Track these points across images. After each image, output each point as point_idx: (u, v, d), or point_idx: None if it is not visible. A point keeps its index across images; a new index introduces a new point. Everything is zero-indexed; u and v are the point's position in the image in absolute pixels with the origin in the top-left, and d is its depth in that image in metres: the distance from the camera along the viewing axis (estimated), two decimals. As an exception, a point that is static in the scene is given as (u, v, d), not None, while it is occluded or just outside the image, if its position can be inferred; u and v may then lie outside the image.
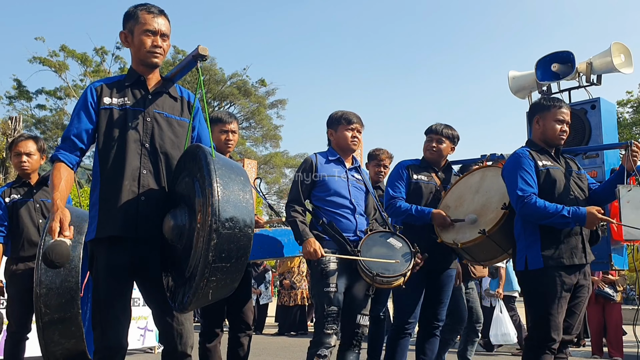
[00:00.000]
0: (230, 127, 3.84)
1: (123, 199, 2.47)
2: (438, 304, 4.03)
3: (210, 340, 3.74)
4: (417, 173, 4.03)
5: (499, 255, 3.72)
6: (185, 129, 2.68)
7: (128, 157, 2.50)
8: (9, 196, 4.09)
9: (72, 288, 3.07)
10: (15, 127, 14.37)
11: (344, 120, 3.65)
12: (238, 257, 2.22)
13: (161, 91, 2.67)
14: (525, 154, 3.33)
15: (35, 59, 27.88)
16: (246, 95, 31.20)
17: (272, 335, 10.65)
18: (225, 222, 2.16)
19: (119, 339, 2.45)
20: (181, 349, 2.55)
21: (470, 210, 3.72)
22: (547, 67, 4.72)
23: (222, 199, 2.18)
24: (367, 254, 3.35)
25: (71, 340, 3.06)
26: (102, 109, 2.54)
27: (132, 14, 2.60)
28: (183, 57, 28.15)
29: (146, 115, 2.58)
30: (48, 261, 2.14)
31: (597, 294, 7.32)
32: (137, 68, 2.64)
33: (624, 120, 24.48)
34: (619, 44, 4.58)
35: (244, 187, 2.29)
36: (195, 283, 2.19)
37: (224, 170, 2.26)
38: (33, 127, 30.37)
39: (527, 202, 3.16)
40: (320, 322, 3.33)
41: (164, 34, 2.60)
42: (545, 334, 3.16)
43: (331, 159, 3.65)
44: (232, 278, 2.26)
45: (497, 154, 4.21)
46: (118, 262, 2.47)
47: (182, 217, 2.38)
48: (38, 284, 3.00)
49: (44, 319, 2.99)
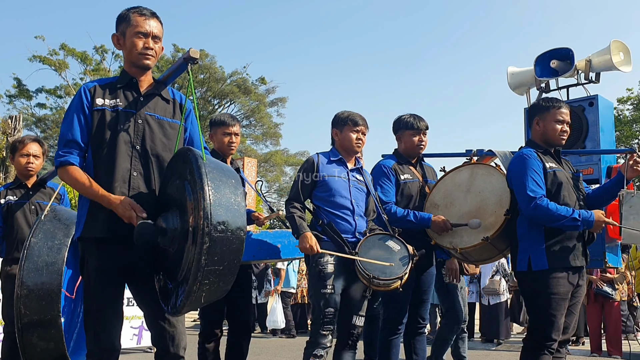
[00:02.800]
0: (233, 130, 3.88)
1: None
2: (422, 303, 4.02)
3: (210, 341, 3.76)
4: (403, 172, 3.97)
5: (494, 256, 3.71)
6: (176, 131, 2.68)
7: (118, 159, 2.51)
8: (4, 197, 4.11)
9: (54, 290, 3.05)
10: (15, 126, 14.35)
11: (350, 122, 3.64)
12: (231, 260, 2.22)
13: (153, 93, 2.68)
14: (533, 154, 3.29)
15: (36, 58, 27.83)
16: (246, 93, 31.14)
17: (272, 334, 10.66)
18: (217, 225, 2.16)
19: (111, 341, 2.46)
20: (173, 350, 2.56)
21: (464, 212, 3.68)
22: (546, 64, 4.71)
23: (214, 202, 2.18)
24: (365, 256, 3.35)
25: (50, 342, 3.03)
26: (95, 110, 2.55)
27: (124, 16, 2.62)
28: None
29: (138, 117, 2.59)
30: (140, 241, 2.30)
31: (596, 293, 7.31)
32: (129, 70, 2.65)
33: (624, 117, 24.42)
34: (618, 42, 4.57)
35: (235, 190, 2.29)
36: (189, 286, 2.20)
37: (215, 173, 2.26)
38: (33, 125, 30.35)
39: (539, 205, 3.12)
40: (317, 322, 3.34)
41: (155, 36, 2.62)
42: (547, 335, 3.16)
43: (333, 160, 3.64)
44: (225, 281, 2.26)
45: (484, 150, 4.18)
46: (109, 264, 2.48)
47: (174, 221, 2.38)
48: (20, 284, 2.98)
49: (23, 320, 2.97)
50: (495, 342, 8.45)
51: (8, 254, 4.06)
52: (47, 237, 3.06)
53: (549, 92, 4.80)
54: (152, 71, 2.73)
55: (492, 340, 8.54)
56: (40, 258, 3.05)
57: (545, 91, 4.81)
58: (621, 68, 4.55)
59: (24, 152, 4.14)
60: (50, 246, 3.00)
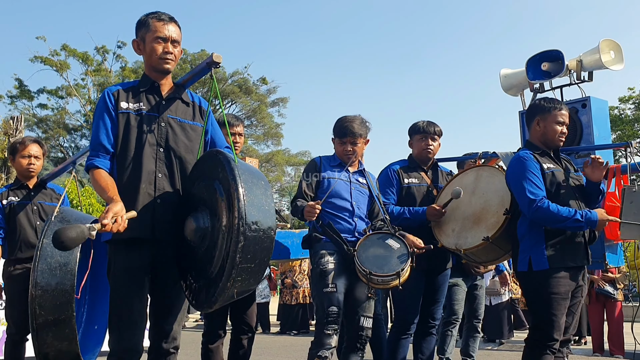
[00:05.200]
0: (237, 130, 3.90)
1: (140, 201, 2.55)
2: (434, 304, 4.05)
3: (213, 341, 3.76)
4: (408, 176, 4.03)
5: (500, 256, 3.73)
6: (197, 133, 2.76)
7: (144, 161, 2.59)
8: (6, 198, 4.11)
9: (67, 290, 3.08)
10: (16, 127, 14.35)
11: (337, 134, 3.68)
12: (261, 258, 2.34)
13: (174, 97, 2.74)
14: (530, 157, 3.30)
15: (37, 58, 27.84)
16: (247, 93, 31.12)
17: (274, 334, 10.67)
18: (251, 224, 2.29)
19: (136, 341, 2.52)
20: (166, 347, 2.64)
21: (468, 213, 3.70)
22: (537, 66, 4.72)
23: (248, 203, 2.30)
24: (364, 254, 3.36)
25: (64, 342, 3.07)
26: (120, 113, 2.62)
27: (144, 22, 2.68)
28: (185, 56, 27.97)
29: (161, 120, 2.66)
30: (57, 241, 2.14)
31: (598, 293, 7.31)
32: (150, 74, 2.73)
33: (626, 116, 24.38)
34: (609, 41, 4.55)
35: (265, 191, 2.41)
36: (222, 283, 2.30)
37: (247, 175, 2.37)
38: (35, 126, 30.35)
39: (540, 206, 3.12)
40: (321, 322, 3.34)
41: (174, 41, 2.68)
42: (548, 335, 3.16)
43: (333, 164, 3.69)
44: (256, 278, 2.39)
45: (489, 152, 4.20)
46: (136, 264, 2.54)
47: (204, 220, 2.47)
48: (34, 285, 3.01)
49: (38, 321, 3.00)
50: (497, 342, 8.45)
51: (11, 255, 4.07)
52: None
53: (543, 92, 4.81)
54: (171, 74, 2.78)
55: (493, 340, 8.54)
56: (53, 259, 3.08)
57: (539, 92, 4.81)
58: (611, 67, 4.54)
59: (25, 153, 4.15)
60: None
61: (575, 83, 4.66)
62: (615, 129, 23.26)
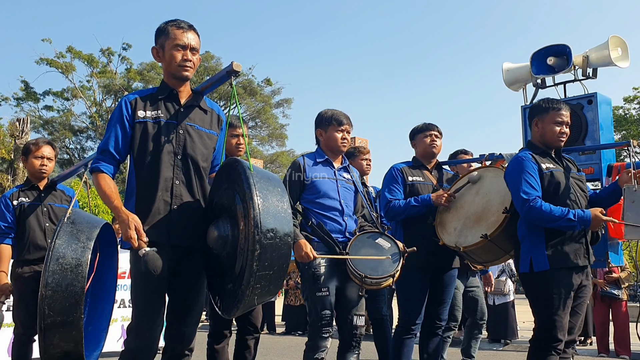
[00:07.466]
0: (241, 132, 3.85)
1: (156, 208, 2.59)
2: (440, 304, 4.03)
3: (219, 342, 3.78)
4: (412, 175, 4.04)
5: (500, 257, 3.74)
6: (213, 142, 2.79)
7: (162, 169, 2.62)
8: (17, 199, 4.11)
9: (77, 292, 3.09)
10: (23, 129, 14.44)
11: (334, 121, 3.63)
12: (280, 265, 2.36)
13: (192, 104, 2.77)
14: (528, 157, 3.32)
15: (42, 61, 28.01)
16: (252, 94, 31.21)
17: (279, 334, 10.70)
18: (266, 232, 2.30)
19: (152, 340, 2.58)
20: (181, 349, 2.68)
21: (471, 213, 3.74)
22: (543, 61, 4.67)
23: (263, 211, 2.31)
24: (356, 255, 3.37)
25: (70, 344, 3.08)
26: (137, 122, 2.65)
27: (163, 29, 2.71)
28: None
29: (179, 127, 2.68)
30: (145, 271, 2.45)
31: (602, 295, 7.30)
32: (169, 81, 2.75)
33: (631, 116, 24.32)
34: (617, 38, 4.53)
35: (281, 197, 2.43)
36: (241, 291, 2.34)
37: (262, 183, 2.39)
38: (41, 128, 30.51)
39: (532, 206, 3.15)
40: (315, 326, 3.35)
41: (193, 48, 2.71)
42: (552, 335, 3.18)
43: (319, 161, 3.63)
44: (275, 284, 2.41)
45: (495, 154, 4.22)
46: (159, 267, 2.58)
47: (225, 228, 2.52)
48: (44, 285, 3.03)
49: (47, 321, 3.01)
50: (502, 342, 8.45)
51: (19, 256, 4.06)
52: (70, 239, 3.10)
53: (545, 88, 4.77)
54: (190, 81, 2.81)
55: (498, 340, 8.54)
56: (65, 260, 3.10)
57: (541, 87, 4.77)
58: (618, 63, 4.51)
59: (38, 154, 4.18)
60: (75, 248, 3.04)
61: (579, 80, 4.62)
62: (620, 129, 23.20)
